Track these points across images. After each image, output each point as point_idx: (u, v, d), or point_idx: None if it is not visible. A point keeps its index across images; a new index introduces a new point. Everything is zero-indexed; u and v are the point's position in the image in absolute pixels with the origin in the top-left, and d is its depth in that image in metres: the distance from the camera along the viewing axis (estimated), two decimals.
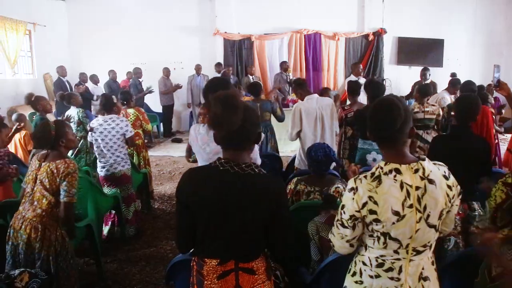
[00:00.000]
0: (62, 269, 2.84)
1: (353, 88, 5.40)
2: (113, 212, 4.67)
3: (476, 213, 3.21)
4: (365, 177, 1.75)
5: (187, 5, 11.46)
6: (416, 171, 1.70)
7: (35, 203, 2.83)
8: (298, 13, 11.23)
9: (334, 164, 3.59)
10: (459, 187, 1.80)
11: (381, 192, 1.69)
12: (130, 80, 10.47)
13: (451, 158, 3.07)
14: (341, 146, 5.29)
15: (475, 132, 4.42)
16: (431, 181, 1.70)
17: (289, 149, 7.75)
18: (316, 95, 4.70)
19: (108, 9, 11.42)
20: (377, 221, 1.71)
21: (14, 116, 5.86)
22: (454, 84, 6.44)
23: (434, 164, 1.77)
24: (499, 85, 3.56)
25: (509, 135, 10.08)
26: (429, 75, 8.38)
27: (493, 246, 1.42)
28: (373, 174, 1.75)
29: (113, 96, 4.80)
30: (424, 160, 1.74)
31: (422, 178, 1.70)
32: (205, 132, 2.85)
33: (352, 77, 8.76)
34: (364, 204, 1.71)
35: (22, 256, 2.80)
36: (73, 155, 6.07)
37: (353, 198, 1.74)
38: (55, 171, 2.81)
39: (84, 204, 4.09)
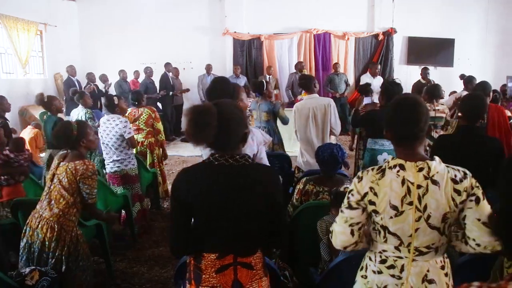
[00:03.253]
0: (70, 269, 2.86)
1: (364, 90, 5.39)
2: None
3: None
4: (372, 169, 1.79)
5: (197, 5, 11.49)
6: (421, 169, 1.69)
7: (52, 202, 2.86)
8: (308, 13, 11.21)
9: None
10: (477, 191, 1.70)
11: (382, 185, 1.72)
12: (139, 80, 10.55)
13: (459, 158, 3.04)
14: (357, 147, 5.28)
15: (493, 132, 4.37)
16: (434, 182, 1.68)
17: (297, 149, 7.71)
18: (316, 95, 4.67)
19: (118, 10, 11.48)
20: (375, 212, 1.74)
21: (33, 123, 5.97)
22: (470, 80, 6.13)
23: (447, 166, 1.73)
24: None
25: None
26: (428, 74, 8.40)
27: None
28: (380, 167, 1.78)
29: (115, 97, 4.80)
30: (433, 160, 1.72)
31: (425, 178, 1.69)
32: None
33: (368, 75, 8.75)
34: (365, 194, 1.75)
35: (36, 254, 2.83)
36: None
37: (357, 184, 1.78)
38: (74, 171, 2.84)
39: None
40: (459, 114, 3.33)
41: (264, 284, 1.89)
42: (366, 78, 8.86)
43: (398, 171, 1.71)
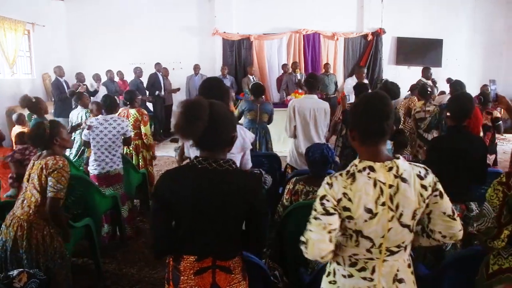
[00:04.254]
0: (49, 268, 2.84)
1: (360, 91, 5.40)
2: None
3: (474, 214, 3.20)
4: (341, 174, 1.74)
5: (186, 5, 11.47)
6: (390, 169, 1.69)
7: (25, 201, 2.87)
8: (297, 13, 11.25)
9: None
10: (439, 186, 1.75)
11: (355, 189, 1.67)
12: (128, 81, 10.49)
13: (451, 158, 3.09)
14: (335, 144, 5.34)
15: None
16: (404, 180, 1.69)
17: (287, 149, 7.72)
18: (315, 96, 4.77)
19: (107, 10, 11.42)
20: (350, 218, 1.69)
21: (14, 117, 5.86)
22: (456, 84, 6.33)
23: (410, 164, 1.75)
24: (497, 99, 3.57)
25: (508, 135, 10.15)
26: (431, 74, 8.38)
27: None
28: (348, 171, 1.73)
29: (115, 97, 4.80)
30: (398, 159, 1.73)
31: (395, 176, 1.69)
32: None
33: (353, 78, 8.71)
34: (339, 201, 1.69)
35: (9, 253, 2.81)
36: (76, 156, 6.09)
37: (329, 191, 1.70)
38: (44, 166, 2.83)
39: (83, 204, 4.09)
40: (447, 114, 3.36)
41: None
42: (352, 82, 8.77)
43: (368, 173, 1.68)
